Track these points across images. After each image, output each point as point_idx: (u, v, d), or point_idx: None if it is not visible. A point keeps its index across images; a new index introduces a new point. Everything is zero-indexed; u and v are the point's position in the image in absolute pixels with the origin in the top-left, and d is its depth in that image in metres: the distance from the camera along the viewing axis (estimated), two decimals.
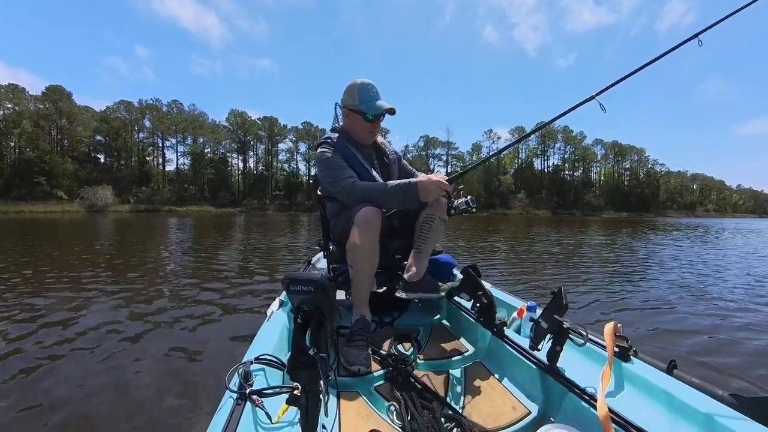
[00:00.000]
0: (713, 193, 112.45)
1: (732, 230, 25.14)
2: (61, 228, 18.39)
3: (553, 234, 17.15)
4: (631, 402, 1.08)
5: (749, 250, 11.36)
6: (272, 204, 67.09)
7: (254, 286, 5.30)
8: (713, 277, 6.45)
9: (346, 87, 1.96)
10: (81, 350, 2.95)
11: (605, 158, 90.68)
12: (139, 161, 65.01)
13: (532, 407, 1.28)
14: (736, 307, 4.18)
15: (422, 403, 1.28)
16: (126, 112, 63.69)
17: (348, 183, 1.80)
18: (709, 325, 3.55)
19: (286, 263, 7.54)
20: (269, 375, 1.28)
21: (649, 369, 1.16)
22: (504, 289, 2.08)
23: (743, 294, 5.07)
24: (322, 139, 1.99)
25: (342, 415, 1.27)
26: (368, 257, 1.70)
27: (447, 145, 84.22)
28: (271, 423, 1.06)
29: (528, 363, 1.39)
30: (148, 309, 4.08)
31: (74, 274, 5.92)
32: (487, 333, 1.67)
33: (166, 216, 37.78)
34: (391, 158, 2.18)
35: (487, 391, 1.41)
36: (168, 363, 2.78)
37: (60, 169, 51.37)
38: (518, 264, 7.75)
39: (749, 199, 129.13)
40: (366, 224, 1.64)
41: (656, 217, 71.99)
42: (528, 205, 75.59)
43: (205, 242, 11.87)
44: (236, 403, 1.07)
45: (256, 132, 73.55)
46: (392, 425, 1.24)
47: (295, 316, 0.96)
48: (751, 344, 3.03)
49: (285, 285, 0.92)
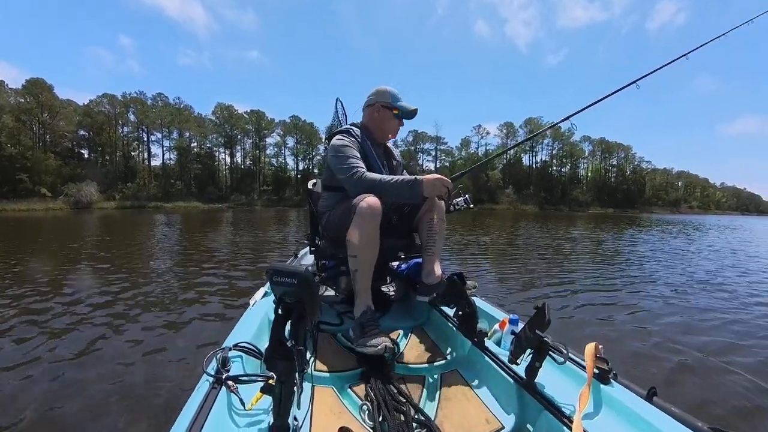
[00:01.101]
0: (697, 191, 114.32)
1: (717, 227, 25.79)
2: (45, 226, 18.17)
3: (540, 232, 17.25)
4: (607, 426, 1.05)
5: (740, 248, 11.59)
6: (260, 199, 66.71)
7: (241, 280, 5.28)
8: (700, 277, 6.56)
9: (376, 90, 2.15)
10: (62, 339, 3.06)
11: (592, 155, 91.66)
12: (123, 156, 63.80)
13: (506, 421, 1.25)
14: (727, 317, 4.10)
15: (395, 405, 1.28)
16: (110, 105, 62.31)
17: (358, 171, 1.87)
18: (697, 338, 3.46)
19: (273, 257, 7.52)
20: (246, 362, 1.32)
21: (629, 394, 1.14)
22: (488, 300, 2.08)
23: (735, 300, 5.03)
24: (342, 129, 2.12)
25: (314, 409, 1.28)
26: (371, 247, 1.74)
27: (436, 140, 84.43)
28: (245, 409, 1.09)
29: (505, 376, 1.37)
30: (133, 297, 4.22)
31: (60, 270, 5.84)
32: (467, 342, 1.65)
33: (152, 212, 37.32)
34: (399, 162, 2.33)
35: (461, 401, 1.39)
36: (148, 346, 2.92)
37: (42, 166, 50.03)
38: (498, 265, 7.76)
39: (732, 197, 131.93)
40: (370, 213, 1.68)
41: (642, 214, 73.14)
42: (516, 201, 76.21)
43: (192, 238, 11.76)
44: (212, 387, 1.10)
45: (243, 126, 72.82)
46: (363, 425, 1.24)
47: (276, 307, 0.98)
48: (740, 364, 2.91)
49: (269, 276, 0.94)
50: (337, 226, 1.90)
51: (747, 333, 3.57)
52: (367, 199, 1.70)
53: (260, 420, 1.09)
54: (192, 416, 0.97)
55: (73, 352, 2.80)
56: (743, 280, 6.21)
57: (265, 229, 15.71)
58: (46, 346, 2.92)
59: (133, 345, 2.94)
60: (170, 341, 3.05)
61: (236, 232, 14.25)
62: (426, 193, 1.80)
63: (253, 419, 1.09)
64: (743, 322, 3.90)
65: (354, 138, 2.04)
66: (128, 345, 2.95)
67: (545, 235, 14.80)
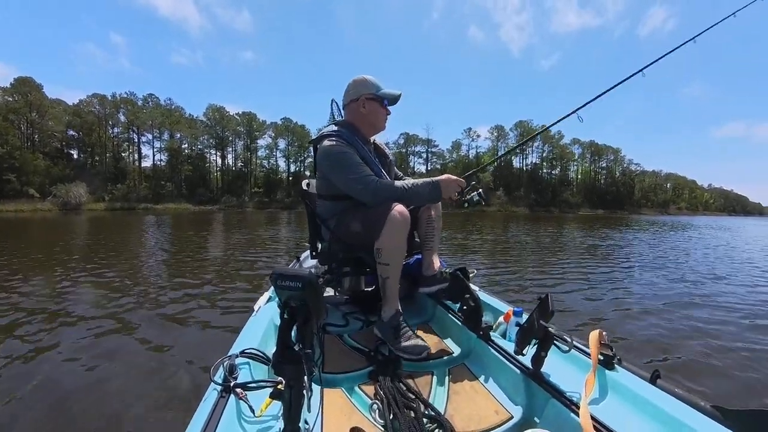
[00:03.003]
0: (685, 192, 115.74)
1: (705, 227, 26.20)
2: (33, 228, 17.93)
3: (530, 232, 17.39)
4: (614, 410, 1.07)
5: (729, 247, 11.89)
6: (251, 201, 66.26)
7: (239, 283, 5.28)
8: (698, 274, 6.75)
9: (354, 82, 1.98)
10: (61, 345, 2.98)
11: (582, 157, 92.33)
12: (113, 157, 63.07)
13: (515, 412, 1.27)
14: (723, 313, 4.27)
15: (405, 402, 1.29)
16: (100, 105, 61.67)
17: (373, 181, 1.79)
18: (694, 326, 3.68)
19: (269, 259, 7.48)
20: (254, 369, 1.30)
21: (633, 378, 1.17)
22: (491, 294, 2.10)
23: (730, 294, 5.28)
24: (328, 131, 1.94)
25: (325, 411, 1.28)
26: (402, 253, 1.76)
27: (427, 142, 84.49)
28: (254, 416, 1.07)
29: (512, 367, 1.39)
30: (130, 304, 4.12)
31: (48, 272, 5.80)
32: (473, 336, 1.68)
33: (142, 214, 36.99)
34: (391, 160, 2.21)
35: (470, 394, 1.41)
36: (153, 357, 2.85)
37: (31, 166, 49.29)
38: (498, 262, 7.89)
39: (719, 198, 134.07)
40: (403, 221, 1.67)
41: (631, 215, 73.72)
42: (506, 203, 76.37)
43: (187, 241, 11.69)
44: (220, 396, 1.09)
45: (234, 128, 72.38)
46: (374, 423, 1.24)
47: (281, 311, 0.97)
48: (738, 352, 3.08)
49: (273, 280, 0.93)
50: (357, 234, 1.84)
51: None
52: (397, 208, 1.67)
53: (271, 426, 1.07)
54: (202, 426, 0.97)
55: (72, 369, 2.65)
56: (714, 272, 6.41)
57: (258, 231, 15.65)
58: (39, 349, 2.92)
59: (136, 356, 2.85)
60: (175, 348, 2.99)
61: (230, 234, 14.16)
62: (444, 195, 1.83)
63: (264, 426, 1.07)
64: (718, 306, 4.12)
65: (345, 140, 1.89)
66: (132, 355, 2.86)
67: (535, 234, 14.92)
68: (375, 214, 1.72)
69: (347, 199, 1.89)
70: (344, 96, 2.03)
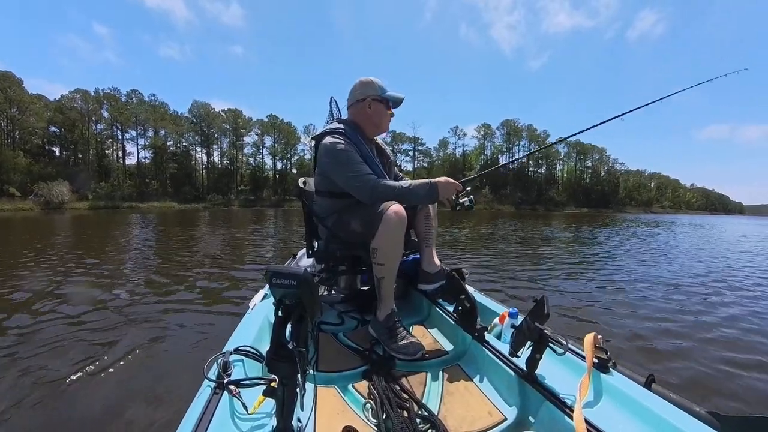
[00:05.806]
0: (669, 191, 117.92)
1: (689, 225, 26.72)
2: (14, 227, 17.59)
3: (518, 230, 17.55)
4: (608, 414, 1.07)
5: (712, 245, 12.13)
6: (237, 199, 65.86)
7: (228, 281, 5.23)
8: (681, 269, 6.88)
9: (361, 83, 2.02)
10: (49, 343, 2.96)
11: (568, 156, 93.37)
12: (97, 155, 61.96)
13: (509, 413, 1.27)
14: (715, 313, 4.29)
15: (398, 402, 1.29)
16: (82, 101, 60.13)
17: (371, 179, 1.80)
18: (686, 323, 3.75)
19: (259, 257, 7.44)
20: (248, 366, 1.30)
21: (628, 382, 1.16)
22: (487, 295, 2.10)
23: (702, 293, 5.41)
24: (331, 128, 1.96)
25: (318, 409, 1.29)
26: (398, 254, 1.76)
27: (414, 140, 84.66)
28: (247, 413, 1.08)
29: (506, 369, 1.39)
30: (121, 302, 4.10)
31: (32, 272, 5.67)
32: (468, 337, 1.68)
33: (127, 213, 36.36)
34: (390, 159, 2.22)
35: (464, 395, 1.41)
36: (146, 353, 2.84)
37: (11, 164, 48.15)
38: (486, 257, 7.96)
39: (701, 197, 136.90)
40: (399, 221, 1.67)
41: (615, 213, 74.88)
42: (492, 201, 76.96)
43: (174, 239, 11.48)
44: (214, 392, 1.10)
45: (220, 125, 71.72)
46: (367, 423, 1.25)
47: (276, 309, 0.97)
48: (729, 354, 3.08)
49: (267, 278, 0.92)
50: (356, 232, 1.85)
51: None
52: (393, 208, 1.68)
53: (264, 424, 1.08)
54: (194, 422, 0.97)
55: (61, 367, 2.62)
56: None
57: (245, 229, 15.52)
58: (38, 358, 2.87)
59: (127, 353, 2.81)
60: (169, 345, 3.00)
61: (217, 232, 14.03)
62: (441, 196, 1.84)
63: (257, 423, 1.08)
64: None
65: (348, 138, 1.91)
66: (125, 352, 2.84)
67: (523, 232, 15.07)
68: (372, 213, 1.73)
69: (346, 197, 1.90)
70: (350, 95, 2.05)
